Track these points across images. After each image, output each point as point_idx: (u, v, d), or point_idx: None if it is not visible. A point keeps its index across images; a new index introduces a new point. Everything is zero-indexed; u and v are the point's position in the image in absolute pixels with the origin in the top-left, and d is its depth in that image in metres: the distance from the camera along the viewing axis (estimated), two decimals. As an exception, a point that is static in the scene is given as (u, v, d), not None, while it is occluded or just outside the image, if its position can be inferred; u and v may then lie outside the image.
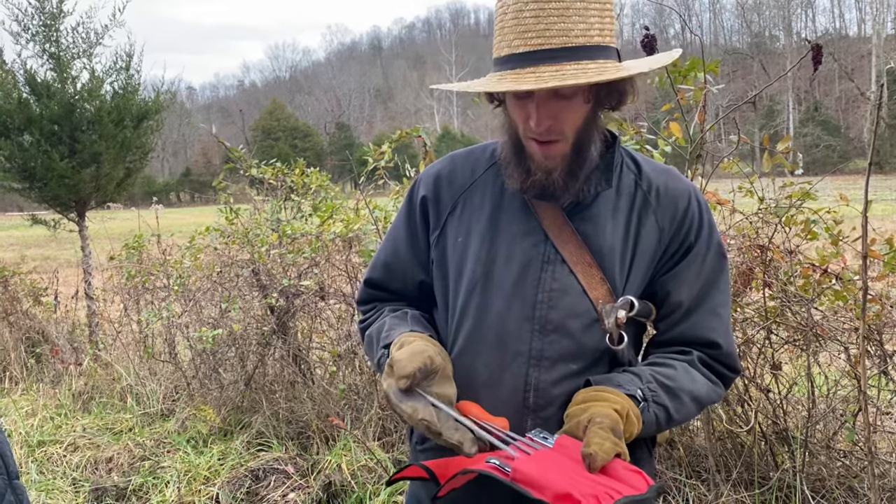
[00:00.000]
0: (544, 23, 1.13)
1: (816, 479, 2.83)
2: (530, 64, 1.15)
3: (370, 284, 1.52)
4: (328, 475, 3.50)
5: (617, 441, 1.11)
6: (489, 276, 1.31)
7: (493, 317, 1.30)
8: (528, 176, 1.27)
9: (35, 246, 18.32)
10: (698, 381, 1.31)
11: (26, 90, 6.12)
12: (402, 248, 1.46)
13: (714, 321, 1.34)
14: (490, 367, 1.30)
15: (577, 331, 1.28)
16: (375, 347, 1.39)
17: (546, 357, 1.28)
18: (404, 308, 1.46)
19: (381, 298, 1.51)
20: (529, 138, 1.24)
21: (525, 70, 1.15)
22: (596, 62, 1.15)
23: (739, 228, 2.90)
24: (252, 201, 5.00)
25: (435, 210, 1.40)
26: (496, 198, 1.35)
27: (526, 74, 1.14)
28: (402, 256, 1.45)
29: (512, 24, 1.16)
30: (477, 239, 1.33)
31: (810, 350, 2.75)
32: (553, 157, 1.25)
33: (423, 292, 1.46)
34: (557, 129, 1.21)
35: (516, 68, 1.16)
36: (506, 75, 1.17)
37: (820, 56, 2.56)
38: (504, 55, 1.18)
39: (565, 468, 1.07)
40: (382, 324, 1.41)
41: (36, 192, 6.24)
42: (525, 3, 1.14)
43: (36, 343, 6.15)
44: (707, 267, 1.33)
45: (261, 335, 4.39)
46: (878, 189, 26.18)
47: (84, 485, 3.77)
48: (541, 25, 1.13)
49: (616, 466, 1.08)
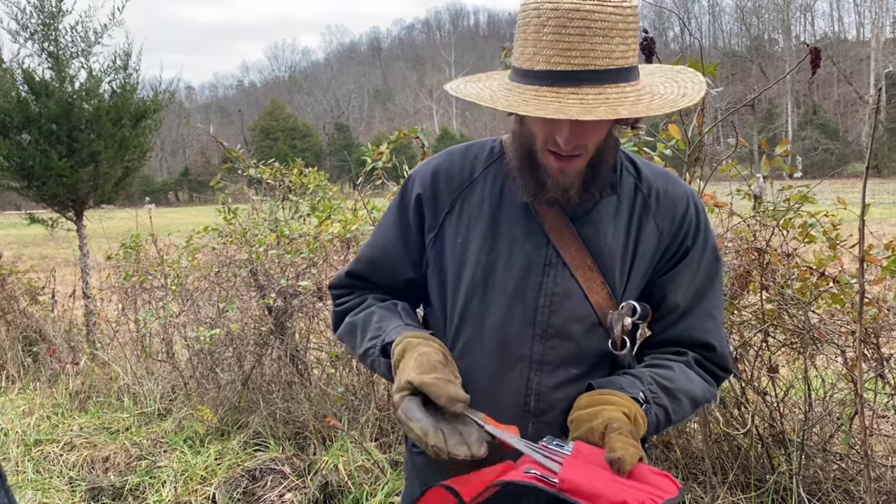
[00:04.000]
0: (589, 42, 1.09)
1: (813, 481, 2.84)
2: (571, 84, 1.10)
3: (352, 275, 1.47)
4: (325, 475, 3.50)
5: (637, 444, 1.11)
6: (490, 280, 1.29)
7: (493, 321, 1.29)
8: (542, 190, 1.24)
9: (32, 244, 18.30)
10: (695, 382, 1.32)
11: (25, 89, 6.11)
12: (391, 245, 1.41)
13: (709, 323, 1.35)
14: (491, 371, 1.30)
15: (579, 335, 1.28)
16: (360, 337, 1.36)
17: (547, 362, 1.28)
18: (391, 298, 1.43)
19: (361, 287, 1.47)
20: (549, 151, 1.21)
21: (565, 90, 1.10)
22: (632, 85, 1.13)
23: (737, 231, 2.90)
24: (250, 201, 5.00)
25: (432, 209, 1.36)
26: (496, 198, 1.33)
27: (568, 95, 1.10)
28: (391, 253, 1.41)
29: (551, 39, 1.09)
30: (476, 241, 1.31)
31: (807, 353, 2.76)
32: (570, 173, 1.23)
33: (409, 288, 1.44)
34: (582, 144, 1.19)
35: (555, 86, 1.11)
36: (543, 92, 1.12)
37: (818, 59, 2.56)
38: (541, 69, 1.12)
39: (601, 475, 1.06)
40: (370, 313, 1.38)
41: (34, 191, 6.23)
42: (570, 18, 1.08)
43: (33, 342, 6.14)
44: (703, 270, 1.34)
45: (258, 335, 4.39)
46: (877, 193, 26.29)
47: (80, 484, 3.77)
48: (586, 45, 1.09)
49: (643, 471, 1.08)
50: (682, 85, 1.20)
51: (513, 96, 1.14)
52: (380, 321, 1.34)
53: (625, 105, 1.09)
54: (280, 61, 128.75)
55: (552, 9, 1.09)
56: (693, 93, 1.17)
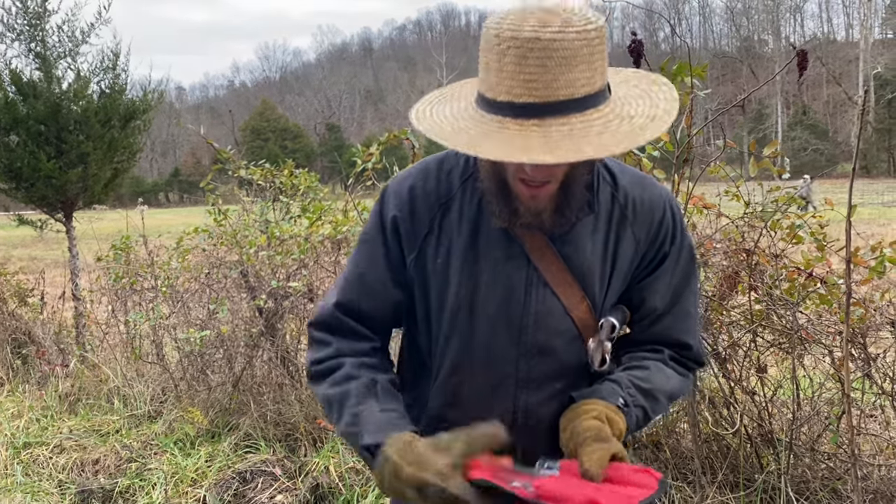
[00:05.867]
0: (551, 73, 1.04)
1: (801, 481, 2.85)
2: (534, 115, 1.06)
3: (342, 308, 1.36)
4: (316, 477, 3.49)
5: (606, 446, 1.13)
6: (473, 301, 1.29)
7: (479, 340, 1.30)
8: (515, 217, 1.23)
9: (21, 246, 18.19)
10: (672, 379, 1.36)
11: (12, 90, 6.08)
12: (376, 270, 1.35)
13: (686, 322, 1.39)
14: (478, 389, 1.32)
15: (560, 350, 1.30)
16: (336, 414, 1.30)
17: (532, 379, 1.30)
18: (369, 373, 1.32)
19: (344, 330, 1.36)
20: (519, 179, 1.19)
21: (529, 121, 1.07)
22: (599, 110, 1.10)
23: (725, 232, 2.92)
24: (241, 202, 4.99)
25: (410, 230, 1.32)
26: (474, 216, 1.30)
27: (531, 128, 1.06)
28: (377, 278, 1.35)
29: (512, 70, 1.05)
30: (457, 261, 1.29)
31: (795, 353, 2.77)
32: (542, 199, 1.21)
33: (396, 314, 1.40)
34: (549, 173, 1.17)
35: (518, 118, 1.07)
36: (506, 123, 1.08)
37: (805, 61, 2.58)
38: (503, 101, 1.08)
39: (580, 484, 1.10)
40: (346, 391, 1.29)
41: (22, 193, 6.20)
42: (530, 49, 1.03)
43: (22, 344, 6.10)
44: (679, 271, 1.36)
45: (249, 337, 4.38)
46: (865, 193, 26.42)
47: (70, 487, 3.75)
48: (548, 76, 1.04)
49: (622, 470, 1.12)
50: (654, 101, 1.16)
51: (475, 128, 1.11)
52: (356, 405, 1.28)
53: (588, 137, 1.06)
54: (271, 62, 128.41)
55: (512, 37, 1.04)
56: (663, 114, 1.13)
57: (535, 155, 1.03)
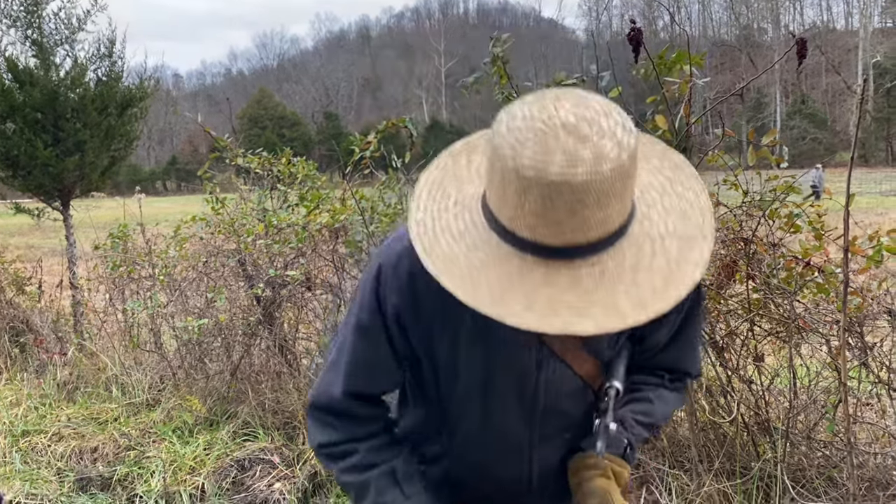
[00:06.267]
0: (581, 216, 0.90)
1: (797, 469, 2.87)
2: (560, 257, 0.94)
3: (351, 396, 1.27)
4: (314, 465, 3.51)
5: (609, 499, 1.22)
6: (488, 386, 1.26)
7: (493, 419, 1.30)
8: None
9: (18, 234, 18.13)
10: (670, 402, 1.41)
11: (9, 77, 6.05)
12: (381, 352, 1.25)
13: (690, 353, 1.40)
14: (491, 457, 1.33)
15: (570, 407, 1.31)
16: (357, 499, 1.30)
17: (544, 435, 1.32)
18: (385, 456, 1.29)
19: (353, 415, 1.29)
20: None
21: (556, 262, 0.94)
22: (629, 239, 0.97)
23: (724, 221, 2.92)
24: (238, 191, 4.97)
25: (413, 318, 1.21)
26: None
27: (559, 269, 0.94)
28: (384, 359, 1.26)
29: (536, 209, 0.90)
30: (465, 349, 1.22)
31: (792, 342, 2.78)
32: None
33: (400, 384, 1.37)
34: None
35: (541, 255, 0.95)
36: (529, 264, 0.95)
37: (804, 49, 2.57)
38: (524, 237, 0.94)
39: None
40: (366, 481, 1.27)
41: (19, 181, 6.18)
42: (558, 192, 0.88)
43: (20, 332, 6.10)
44: (686, 306, 1.30)
45: (247, 325, 4.39)
46: (864, 182, 26.43)
47: (69, 474, 3.76)
48: (576, 219, 0.90)
49: None
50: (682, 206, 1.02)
51: (495, 267, 0.96)
52: (378, 495, 1.26)
53: (622, 276, 0.95)
54: (268, 49, 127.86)
55: (534, 177, 0.88)
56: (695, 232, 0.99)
57: (570, 319, 0.92)
